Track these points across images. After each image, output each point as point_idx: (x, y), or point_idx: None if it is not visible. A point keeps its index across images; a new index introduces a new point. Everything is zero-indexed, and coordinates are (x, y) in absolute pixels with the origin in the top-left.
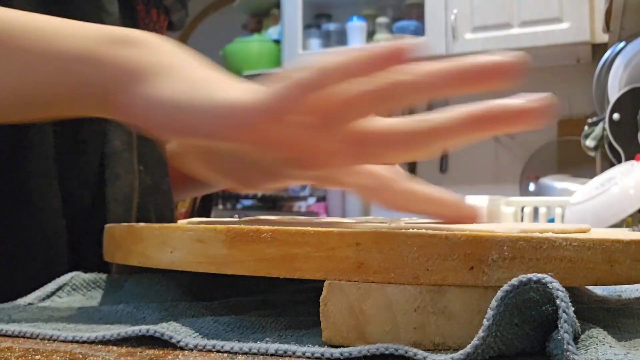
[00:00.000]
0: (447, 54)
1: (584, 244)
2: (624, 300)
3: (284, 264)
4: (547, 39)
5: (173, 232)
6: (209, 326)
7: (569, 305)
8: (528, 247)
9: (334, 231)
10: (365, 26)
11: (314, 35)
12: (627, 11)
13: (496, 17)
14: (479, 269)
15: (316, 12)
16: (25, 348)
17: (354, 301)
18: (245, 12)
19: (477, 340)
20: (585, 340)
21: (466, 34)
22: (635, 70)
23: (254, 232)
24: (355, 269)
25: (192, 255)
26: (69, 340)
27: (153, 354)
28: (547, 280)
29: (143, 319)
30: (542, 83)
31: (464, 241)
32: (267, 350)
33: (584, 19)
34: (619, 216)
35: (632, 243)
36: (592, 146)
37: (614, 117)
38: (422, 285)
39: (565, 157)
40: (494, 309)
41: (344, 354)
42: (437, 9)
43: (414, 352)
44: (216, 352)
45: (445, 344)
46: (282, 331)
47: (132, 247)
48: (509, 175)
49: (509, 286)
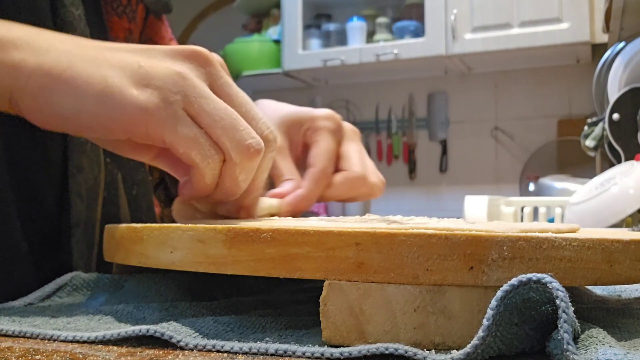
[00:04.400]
0: (447, 54)
1: (583, 244)
2: (624, 300)
3: (284, 264)
4: (546, 39)
5: (173, 232)
6: (209, 326)
7: (569, 305)
8: (528, 247)
9: (334, 231)
10: (365, 26)
11: (314, 35)
12: (627, 11)
13: (496, 17)
14: (479, 268)
15: (316, 12)
16: (26, 348)
17: (354, 301)
18: (245, 12)
19: (476, 340)
20: (585, 340)
21: (466, 34)
22: (635, 70)
23: (254, 232)
24: (355, 269)
25: (192, 255)
26: (69, 340)
27: (153, 354)
28: (547, 280)
29: (143, 319)
30: (542, 83)
31: (464, 241)
32: (267, 350)
33: (583, 19)
34: (619, 216)
35: (632, 243)
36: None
37: (614, 117)
38: (422, 285)
39: (565, 157)
40: (493, 309)
41: (343, 354)
42: (437, 9)
43: (413, 352)
44: (216, 352)
45: (445, 344)
46: (282, 331)
47: (132, 247)
48: (509, 175)
49: (508, 286)
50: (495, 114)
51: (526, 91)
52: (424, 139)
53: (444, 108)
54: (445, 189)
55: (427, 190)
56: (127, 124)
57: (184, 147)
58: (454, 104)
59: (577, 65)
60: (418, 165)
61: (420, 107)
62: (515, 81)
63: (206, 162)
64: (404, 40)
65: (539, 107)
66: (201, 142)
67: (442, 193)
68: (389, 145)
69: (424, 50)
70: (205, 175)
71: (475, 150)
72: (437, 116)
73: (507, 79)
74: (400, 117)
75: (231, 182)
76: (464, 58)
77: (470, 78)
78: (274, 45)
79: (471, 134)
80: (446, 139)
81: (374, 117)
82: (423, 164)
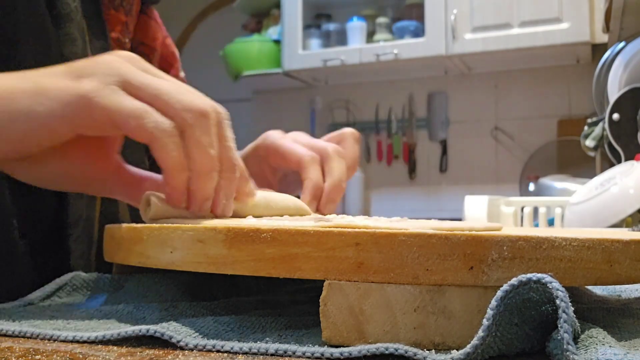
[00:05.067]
0: (447, 54)
1: (583, 244)
2: (624, 300)
3: (284, 264)
4: (546, 39)
5: (173, 232)
6: (209, 326)
7: (569, 305)
8: (528, 247)
9: (334, 231)
10: (365, 26)
11: (314, 35)
12: (627, 11)
13: (496, 17)
14: (479, 268)
15: (316, 12)
16: (26, 348)
17: (354, 301)
18: (245, 12)
19: (476, 340)
20: (585, 340)
21: (466, 34)
22: (635, 70)
23: (254, 232)
24: (355, 269)
25: (192, 255)
26: (69, 340)
27: (153, 354)
28: (547, 280)
29: (143, 319)
30: (542, 83)
31: (464, 241)
32: (267, 350)
33: (583, 19)
34: (619, 216)
35: (632, 243)
36: (591, 146)
37: (614, 117)
38: (422, 285)
39: (565, 157)
40: (493, 309)
41: (343, 354)
42: (437, 9)
43: (413, 352)
44: (216, 352)
45: (445, 344)
46: (282, 331)
47: (132, 247)
48: (509, 175)
49: (508, 286)
50: (495, 114)
51: (526, 91)
52: (424, 139)
53: (444, 108)
54: (445, 189)
55: (427, 190)
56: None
57: (134, 120)
58: (454, 104)
59: (577, 65)
60: (418, 165)
61: (420, 107)
62: (515, 81)
63: (161, 129)
64: (404, 40)
65: (539, 107)
66: (149, 111)
67: (442, 193)
68: (389, 146)
69: (424, 50)
70: (167, 146)
71: (475, 150)
72: (437, 116)
73: (507, 79)
74: (400, 117)
75: (198, 149)
76: (464, 58)
77: (470, 78)
78: (274, 45)
79: (471, 134)
80: (446, 139)
81: (374, 117)
82: (423, 164)
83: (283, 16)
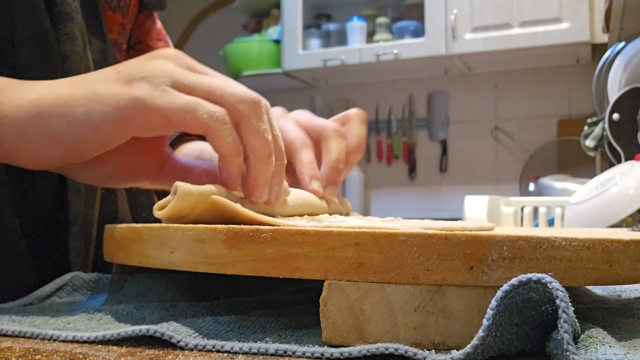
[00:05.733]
0: (447, 54)
1: (583, 244)
2: (624, 300)
3: (284, 264)
4: (546, 39)
5: (173, 232)
6: (209, 326)
7: (569, 305)
8: (528, 247)
9: (334, 231)
10: (365, 26)
11: (314, 35)
12: (627, 11)
13: (496, 17)
14: (479, 268)
15: (316, 12)
16: (26, 348)
17: (354, 301)
18: (245, 12)
19: (476, 340)
20: (585, 340)
21: (466, 34)
22: (635, 70)
23: (254, 232)
24: (355, 269)
25: (192, 255)
26: (69, 340)
27: (153, 354)
28: (546, 280)
29: (143, 319)
30: (542, 83)
31: (464, 241)
32: (267, 350)
33: (583, 19)
34: (619, 216)
35: (632, 243)
36: (591, 146)
37: (614, 117)
38: (422, 285)
39: (565, 157)
40: (493, 309)
41: (343, 354)
42: (437, 9)
43: (413, 352)
44: (216, 352)
45: (445, 344)
46: (282, 331)
47: (132, 247)
48: (509, 175)
49: (508, 286)
50: (495, 114)
51: (526, 91)
52: (424, 139)
53: (444, 108)
54: (445, 189)
55: (427, 190)
56: (124, 119)
57: (188, 114)
58: (454, 104)
59: (577, 65)
60: (418, 165)
61: (420, 107)
62: (515, 81)
63: (215, 118)
64: (404, 40)
65: (539, 107)
66: (201, 103)
67: (442, 193)
68: (389, 145)
69: (424, 50)
70: (222, 133)
71: (475, 150)
72: (437, 116)
73: (507, 79)
74: (400, 117)
75: (256, 135)
76: (464, 58)
77: (470, 78)
78: (274, 45)
79: (471, 134)
80: (446, 139)
81: (374, 117)
82: (423, 164)
83: (283, 16)
